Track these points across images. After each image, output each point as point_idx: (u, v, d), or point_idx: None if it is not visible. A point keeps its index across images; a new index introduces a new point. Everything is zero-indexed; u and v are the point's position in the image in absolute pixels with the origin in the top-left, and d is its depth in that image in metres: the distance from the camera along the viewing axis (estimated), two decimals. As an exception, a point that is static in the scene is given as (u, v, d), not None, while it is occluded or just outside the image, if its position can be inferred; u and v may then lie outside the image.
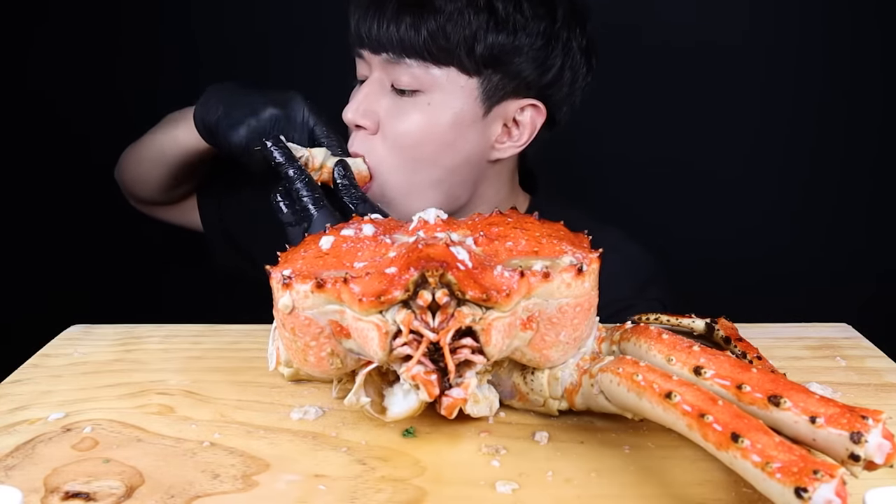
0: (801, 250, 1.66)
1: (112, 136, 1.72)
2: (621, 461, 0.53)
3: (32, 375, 0.69)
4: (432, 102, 0.90)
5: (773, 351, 0.70)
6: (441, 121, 0.91)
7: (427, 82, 0.90)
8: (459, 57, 0.89)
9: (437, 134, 0.91)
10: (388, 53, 0.89)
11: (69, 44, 1.67)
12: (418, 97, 0.90)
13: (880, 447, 0.43)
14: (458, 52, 0.88)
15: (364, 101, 0.91)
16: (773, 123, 1.63)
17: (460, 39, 0.88)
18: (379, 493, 0.50)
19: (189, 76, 1.68)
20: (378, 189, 0.92)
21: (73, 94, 1.70)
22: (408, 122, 0.90)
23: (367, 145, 0.92)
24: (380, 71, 0.91)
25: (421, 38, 0.87)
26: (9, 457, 0.55)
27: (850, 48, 1.58)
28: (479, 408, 0.57)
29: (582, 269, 0.55)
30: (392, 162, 0.92)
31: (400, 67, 0.89)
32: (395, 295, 0.52)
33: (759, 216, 1.66)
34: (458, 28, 0.87)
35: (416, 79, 0.89)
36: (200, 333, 0.79)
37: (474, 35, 0.88)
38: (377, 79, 0.91)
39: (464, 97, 0.91)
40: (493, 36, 0.89)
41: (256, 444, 0.56)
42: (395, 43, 0.88)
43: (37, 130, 1.73)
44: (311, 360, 0.58)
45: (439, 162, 0.93)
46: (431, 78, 0.90)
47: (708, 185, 1.65)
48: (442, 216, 0.63)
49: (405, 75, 0.89)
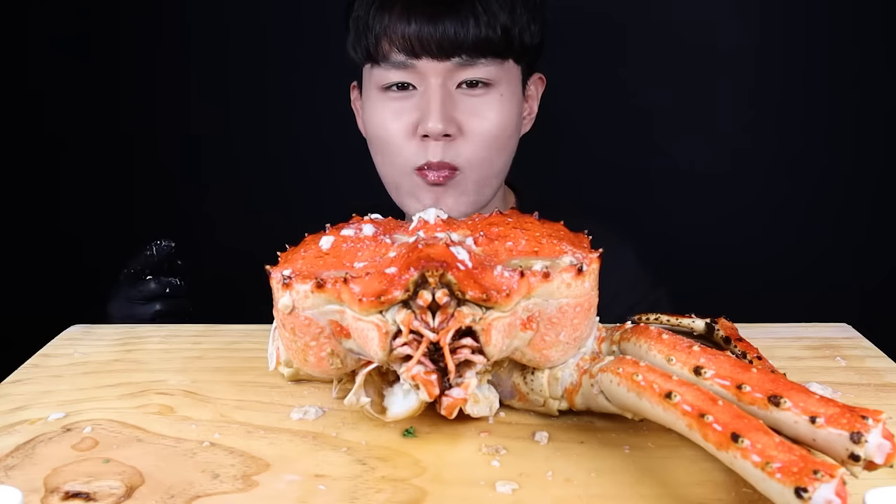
0: (801, 250, 1.66)
1: (113, 136, 1.73)
2: (621, 461, 0.53)
3: (32, 375, 0.69)
4: (504, 94, 0.93)
5: (773, 351, 0.70)
6: (512, 111, 0.95)
7: (497, 77, 0.92)
8: (517, 48, 0.93)
9: (512, 123, 0.95)
10: (461, 57, 0.89)
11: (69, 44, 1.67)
12: (490, 92, 0.93)
13: (880, 447, 0.43)
14: (517, 43, 0.92)
15: (443, 109, 0.90)
16: (773, 124, 1.63)
17: (520, 31, 0.92)
18: (379, 493, 0.50)
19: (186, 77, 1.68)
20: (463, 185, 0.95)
21: (74, 95, 1.70)
22: (489, 118, 0.93)
23: (453, 151, 0.92)
24: (442, 76, 0.91)
25: (497, 35, 0.90)
26: (9, 457, 0.55)
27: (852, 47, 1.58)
28: (479, 408, 0.57)
29: (582, 270, 0.55)
30: (476, 160, 0.94)
31: (472, 68, 0.91)
32: (395, 295, 0.52)
33: (759, 216, 1.66)
34: (518, 21, 0.91)
35: (489, 75, 0.92)
36: (200, 333, 0.79)
37: (527, 26, 0.93)
38: (441, 84, 0.91)
39: (517, 84, 0.96)
40: (535, 25, 0.94)
41: (256, 444, 0.56)
42: (471, 45, 0.89)
43: (37, 130, 1.73)
44: (311, 360, 0.58)
45: (508, 149, 0.97)
46: (500, 71, 0.92)
47: (708, 186, 1.65)
48: (442, 216, 0.63)
49: (479, 73, 0.91)
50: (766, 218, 1.67)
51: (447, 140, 0.92)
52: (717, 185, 1.65)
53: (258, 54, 1.66)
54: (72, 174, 1.75)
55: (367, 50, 0.93)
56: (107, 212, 1.76)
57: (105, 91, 1.70)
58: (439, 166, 0.92)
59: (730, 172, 1.64)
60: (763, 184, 1.65)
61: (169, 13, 1.67)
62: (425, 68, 0.90)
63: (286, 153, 1.71)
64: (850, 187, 1.65)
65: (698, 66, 1.60)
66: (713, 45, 1.59)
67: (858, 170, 1.64)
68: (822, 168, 1.64)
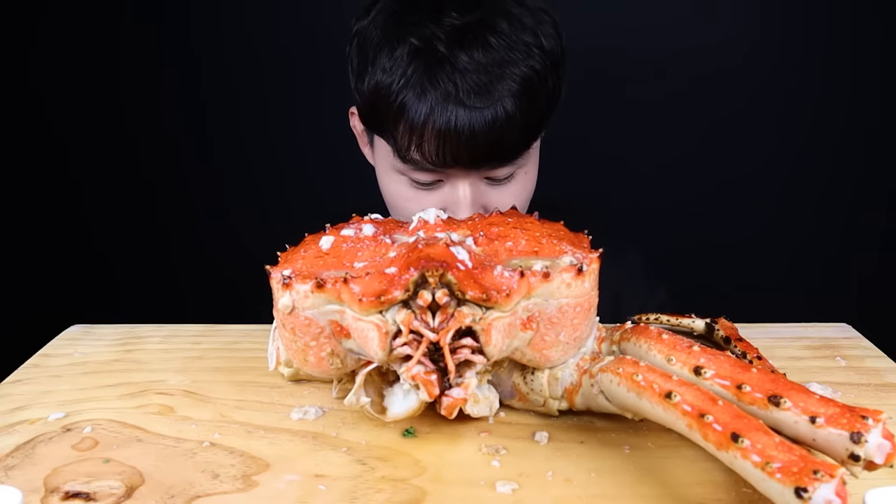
0: (801, 250, 1.66)
1: (113, 136, 1.73)
2: (621, 461, 0.53)
3: (32, 375, 0.69)
4: (529, 171, 0.90)
5: (773, 351, 0.70)
6: (535, 176, 0.92)
7: (520, 165, 0.88)
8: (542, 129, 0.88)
9: (533, 183, 0.92)
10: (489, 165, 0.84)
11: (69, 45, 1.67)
12: (518, 174, 0.88)
13: (880, 447, 0.43)
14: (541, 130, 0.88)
15: (473, 207, 0.85)
16: (773, 124, 1.63)
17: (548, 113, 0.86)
18: (379, 493, 0.50)
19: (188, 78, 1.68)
20: None
21: (73, 95, 1.70)
22: (517, 195, 0.89)
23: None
24: (474, 176, 0.85)
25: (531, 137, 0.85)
26: (9, 457, 0.55)
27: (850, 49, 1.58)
28: (479, 408, 0.57)
29: (582, 270, 0.55)
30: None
31: (502, 168, 0.85)
32: (395, 295, 0.52)
33: (759, 217, 1.66)
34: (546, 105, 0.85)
35: (516, 166, 0.87)
36: (200, 333, 0.79)
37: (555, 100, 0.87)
38: (471, 182, 0.85)
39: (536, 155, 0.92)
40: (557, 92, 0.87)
41: (256, 444, 0.56)
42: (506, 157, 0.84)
43: (39, 131, 1.73)
44: (311, 360, 0.58)
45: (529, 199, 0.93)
46: (528, 153, 0.87)
47: (709, 185, 1.65)
48: (442, 216, 0.63)
49: (510, 170, 0.86)
50: (766, 218, 1.67)
51: None
52: (718, 186, 1.65)
53: (260, 55, 1.67)
54: (73, 174, 1.75)
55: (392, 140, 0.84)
56: (107, 212, 1.76)
57: (107, 92, 1.70)
58: None
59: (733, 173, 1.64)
60: (765, 184, 1.65)
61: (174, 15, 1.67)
62: (456, 174, 0.85)
63: (286, 153, 1.71)
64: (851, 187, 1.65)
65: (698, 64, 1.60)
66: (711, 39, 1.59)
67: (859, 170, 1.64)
68: (822, 168, 1.64)
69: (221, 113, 1.70)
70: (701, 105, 1.62)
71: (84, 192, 1.75)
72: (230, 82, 1.69)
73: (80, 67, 1.68)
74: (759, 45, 1.59)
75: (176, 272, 1.77)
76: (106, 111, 1.71)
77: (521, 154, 0.85)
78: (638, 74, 1.60)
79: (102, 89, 1.70)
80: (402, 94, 0.80)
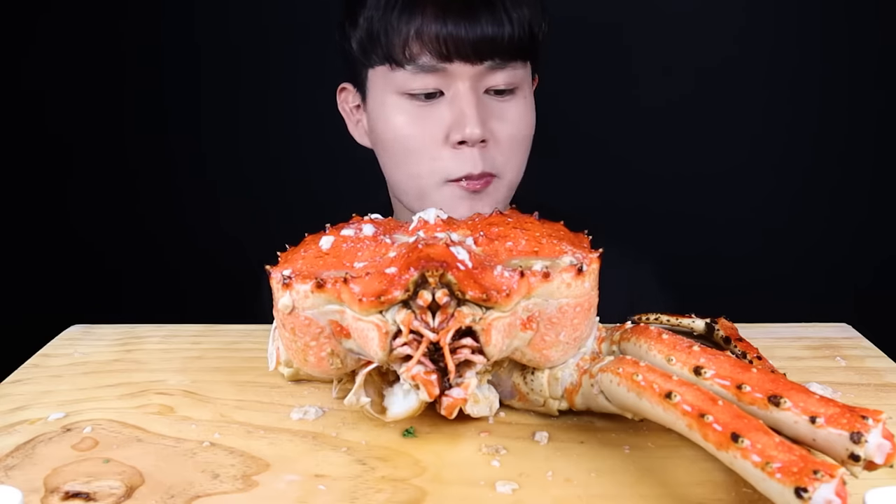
0: (801, 250, 1.66)
1: (115, 137, 1.73)
2: (621, 461, 0.53)
3: (32, 375, 0.69)
4: (526, 97, 0.91)
5: (773, 351, 0.70)
6: (532, 113, 0.93)
7: (520, 80, 0.90)
8: (537, 49, 0.91)
9: (532, 126, 0.93)
10: (494, 60, 0.86)
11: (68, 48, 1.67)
12: (516, 97, 0.90)
13: (880, 447, 0.43)
14: (537, 45, 0.90)
15: (479, 114, 0.86)
16: (772, 123, 1.63)
17: (538, 32, 0.89)
18: (379, 493, 0.50)
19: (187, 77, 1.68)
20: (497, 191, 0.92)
21: (75, 94, 1.70)
22: (516, 123, 0.90)
23: (489, 158, 0.89)
24: (473, 80, 0.86)
25: (527, 35, 0.87)
26: (9, 457, 0.55)
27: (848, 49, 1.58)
28: (479, 408, 0.57)
29: (582, 270, 0.55)
30: (508, 165, 0.91)
31: (502, 72, 0.87)
32: (395, 295, 0.52)
33: (760, 217, 1.66)
34: (536, 19, 0.88)
35: (515, 78, 0.89)
36: (200, 333, 0.79)
37: (540, 24, 0.90)
38: (472, 88, 0.86)
39: (531, 85, 0.94)
40: (544, 22, 0.91)
41: (256, 444, 0.56)
42: (506, 47, 0.85)
43: (38, 131, 1.73)
44: (311, 360, 0.58)
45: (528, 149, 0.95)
46: (523, 74, 0.90)
47: (707, 186, 1.65)
48: (442, 216, 0.63)
49: (507, 77, 0.88)
50: (766, 218, 1.67)
51: (482, 147, 0.88)
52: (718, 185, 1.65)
53: (259, 53, 1.66)
54: (74, 174, 1.75)
55: (388, 51, 0.86)
56: (108, 213, 1.76)
57: (107, 91, 1.70)
58: (480, 176, 0.88)
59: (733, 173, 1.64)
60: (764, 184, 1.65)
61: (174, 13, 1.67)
62: (456, 72, 0.85)
63: (287, 153, 1.71)
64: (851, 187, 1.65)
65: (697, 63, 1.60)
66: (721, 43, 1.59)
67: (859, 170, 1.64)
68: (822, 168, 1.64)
69: (221, 113, 1.69)
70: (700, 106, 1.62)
71: (84, 192, 1.75)
72: (229, 82, 1.68)
73: (80, 69, 1.68)
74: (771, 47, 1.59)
75: (176, 272, 1.77)
76: (107, 112, 1.71)
77: (520, 50, 0.87)
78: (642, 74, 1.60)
79: (102, 90, 1.70)
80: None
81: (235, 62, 1.67)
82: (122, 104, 1.71)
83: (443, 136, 0.88)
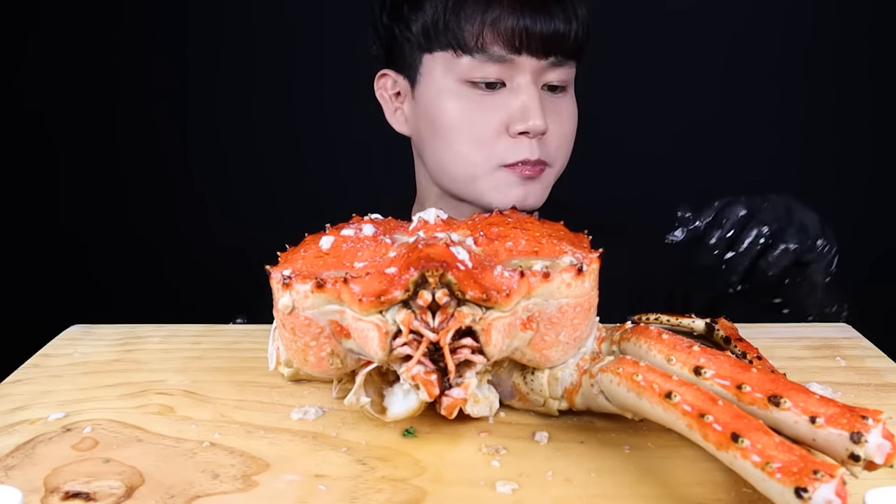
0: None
1: (112, 137, 1.73)
2: (621, 461, 0.53)
3: (32, 375, 0.69)
4: (573, 96, 0.95)
5: (773, 351, 0.70)
6: (576, 111, 0.96)
7: (570, 78, 0.94)
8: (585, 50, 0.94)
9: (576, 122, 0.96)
10: (557, 56, 0.89)
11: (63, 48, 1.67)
12: (566, 94, 0.94)
13: (880, 447, 0.43)
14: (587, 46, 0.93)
15: (542, 107, 0.89)
16: (772, 122, 1.63)
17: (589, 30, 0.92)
18: (379, 493, 0.50)
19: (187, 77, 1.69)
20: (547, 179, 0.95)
21: (73, 97, 1.70)
22: (568, 119, 0.94)
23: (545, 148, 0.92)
24: (535, 74, 0.89)
25: (584, 35, 0.90)
26: (9, 457, 0.55)
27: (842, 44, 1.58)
28: (479, 408, 0.57)
29: (582, 269, 0.55)
30: (559, 157, 0.95)
31: (560, 69, 0.91)
32: (395, 295, 0.52)
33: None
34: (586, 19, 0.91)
35: (568, 76, 0.93)
36: (200, 333, 0.79)
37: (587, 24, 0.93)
38: (532, 82, 0.89)
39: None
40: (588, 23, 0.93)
41: (256, 444, 0.56)
42: (570, 44, 0.89)
43: (36, 134, 1.73)
44: (311, 360, 0.58)
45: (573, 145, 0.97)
46: (572, 73, 0.94)
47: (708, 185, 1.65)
48: (442, 216, 0.63)
49: (562, 75, 0.92)
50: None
51: (539, 138, 0.91)
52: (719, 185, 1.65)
53: (260, 54, 1.67)
54: (72, 175, 1.75)
55: (458, 38, 0.88)
56: (108, 213, 1.76)
57: (104, 93, 1.70)
58: (535, 163, 0.91)
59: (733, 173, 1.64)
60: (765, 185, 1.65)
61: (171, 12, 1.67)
62: (522, 65, 0.88)
63: (287, 153, 1.71)
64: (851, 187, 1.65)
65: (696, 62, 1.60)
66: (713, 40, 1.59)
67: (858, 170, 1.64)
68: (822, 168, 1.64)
69: (221, 114, 1.70)
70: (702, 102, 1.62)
71: (85, 192, 1.75)
72: (229, 82, 1.69)
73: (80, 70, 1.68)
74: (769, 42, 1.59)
75: (176, 272, 1.77)
76: (106, 113, 1.71)
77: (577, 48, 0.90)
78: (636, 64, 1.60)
79: (103, 90, 1.70)
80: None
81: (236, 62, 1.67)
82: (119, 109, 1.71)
83: (503, 125, 0.90)
